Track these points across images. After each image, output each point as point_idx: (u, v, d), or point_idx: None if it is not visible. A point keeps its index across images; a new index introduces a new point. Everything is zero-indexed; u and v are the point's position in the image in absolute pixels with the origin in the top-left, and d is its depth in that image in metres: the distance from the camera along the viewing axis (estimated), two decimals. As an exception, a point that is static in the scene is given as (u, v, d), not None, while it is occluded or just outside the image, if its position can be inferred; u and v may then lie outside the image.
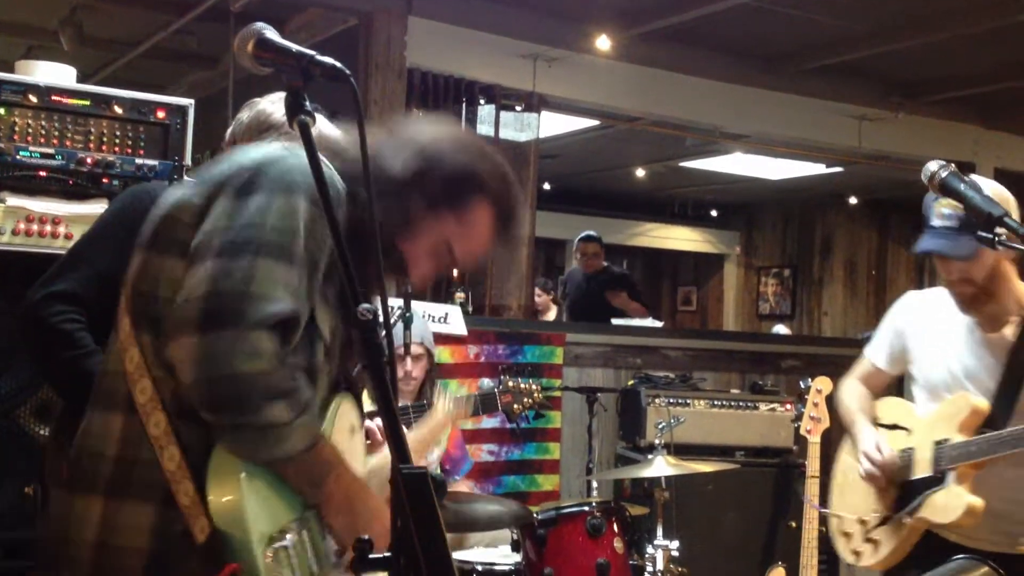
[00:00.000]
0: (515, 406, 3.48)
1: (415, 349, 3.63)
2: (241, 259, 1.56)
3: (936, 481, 2.75)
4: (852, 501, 3.03)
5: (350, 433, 1.88)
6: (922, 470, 2.80)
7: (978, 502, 2.66)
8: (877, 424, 3.02)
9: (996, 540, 2.76)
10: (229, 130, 2.52)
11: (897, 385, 3.21)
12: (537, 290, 9.97)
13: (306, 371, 1.69)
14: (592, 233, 8.03)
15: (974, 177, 2.49)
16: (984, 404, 2.72)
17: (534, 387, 3.52)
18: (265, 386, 1.54)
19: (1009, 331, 2.76)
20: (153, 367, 1.63)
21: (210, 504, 1.57)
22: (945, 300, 2.86)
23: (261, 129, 2.45)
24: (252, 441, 1.58)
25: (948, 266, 2.73)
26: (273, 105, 2.46)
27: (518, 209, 1.91)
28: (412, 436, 2.37)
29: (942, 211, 2.67)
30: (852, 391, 3.12)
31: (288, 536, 1.63)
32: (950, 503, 2.70)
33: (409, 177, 1.77)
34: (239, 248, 1.57)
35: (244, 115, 2.49)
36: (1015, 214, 2.53)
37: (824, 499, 3.16)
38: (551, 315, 8.99)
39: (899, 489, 2.86)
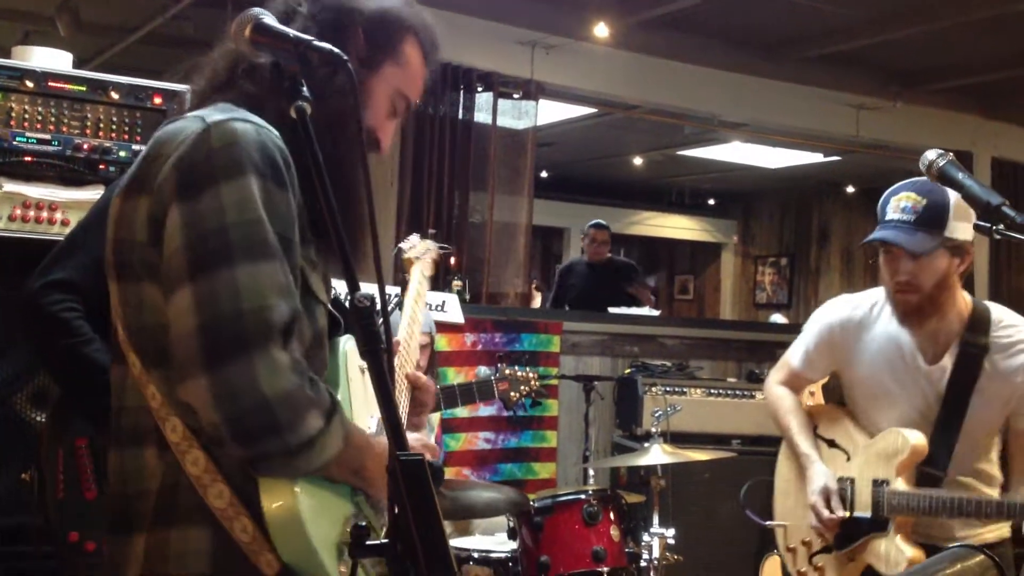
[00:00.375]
0: (512, 394, 3.48)
1: (421, 339, 3.63)
2: (218, 275, 1.43)
3: (878, 526, 2.66)
4: (797, 513, 2.89)
5: (361, 373, 1.83)
6: (862, 508, 2.70)
7: (918, 554, 2.57)
8: (817, 435, 2.89)
9: (949, 536, 2.68)
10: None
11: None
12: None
13: (315, 338, 1.62)
14: (602, 221, 7.97)
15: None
16: (923, 444, 2.62)
17: (531, 375, 3.52)
18: (294, 402, 1.44)
19: (948, 361, 2.65)
20: (175, 404, 1.51)
21: (269, 529, 1.48)
22: (882, 314, 2.74)
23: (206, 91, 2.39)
24: (295, 461, 1.47)
25: (897, 265, 2.60)
26: (212, 68, 2.31)
27: (433, 28, 1.87)
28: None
29: (900, 204, 2.58)
30: (785, 399, 2.96)
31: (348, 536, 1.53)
32: (891, 555, 2.62)
33: (340, 48, 1.54)
34: (210, 262, 1.44)
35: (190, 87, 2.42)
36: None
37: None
38: (535, 303, 8.99)
39: (843, 522, 2.73)
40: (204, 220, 1.46)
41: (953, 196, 2.47)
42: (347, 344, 1.81)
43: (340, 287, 1.71)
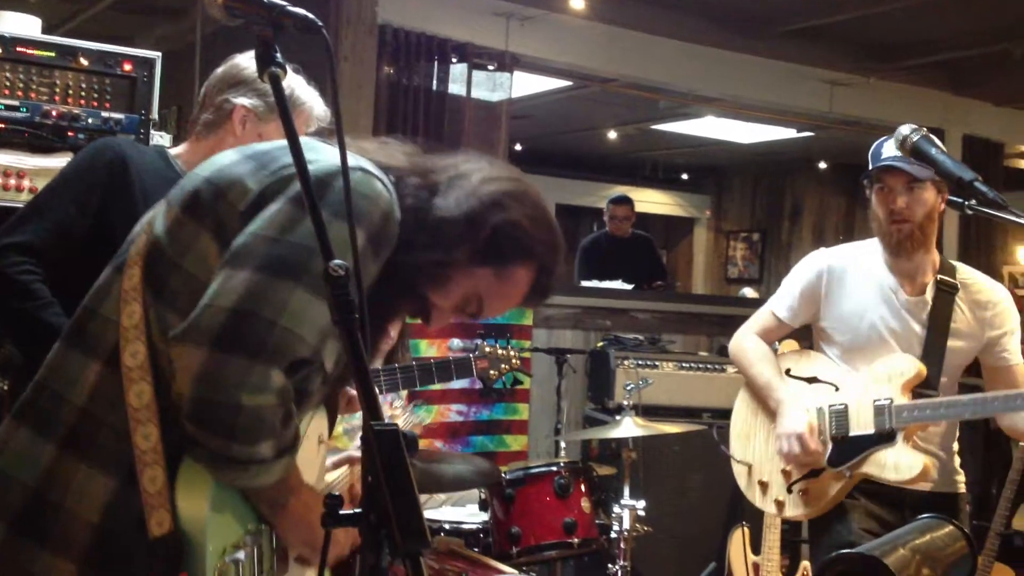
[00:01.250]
0: (491, 372, 3.47)
1: None
2: (281, 283, 1.47)
3: (880, 439, 2.86)
4: (767, 450, 3.09)
5: (317, 443, 1.85)
6: (861, 428, 2.90)
7: (932, 462, 2.84)
8: (792, 376, 3.10)
9: (935, 482, 2.93)
10: (204, 85, 2.51)
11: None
12: None
13: (297, 392, 1.59)
14: (623, 195, 7.90)
15: None
16: (924, 369, 2.86)
17: (512, 353, 3.51)
18: (262, 422, 1.47)
19: (928, 294, 2.93)
20: (154, 333, 1.54)
21: (178, 505, 1.51)
22: (863, 260, 3.02)
23: (232, 83, 2.44)
24: (230, 470, 1.51)
25: (893, 197, 2.88)
26: (247, 60, 2.44)
27: (556, 275, 1.80)
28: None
29: (896, 146, 2.67)
30: (756, 348, 3.17)
31: (241, 551, 1.58)
32: (903, 463, 2.82)
33: (462, 223, 1.64)
34: (283, 270, 1.48)
35: (219, 69, 2.49)
36: None
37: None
38: None
39: (833, 444, 2.94)
40: (303, 233, 1.49)
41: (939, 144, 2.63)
42: (315, 416, 1.81)
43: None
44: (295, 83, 2.45)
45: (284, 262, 1.48)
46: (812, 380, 3.06)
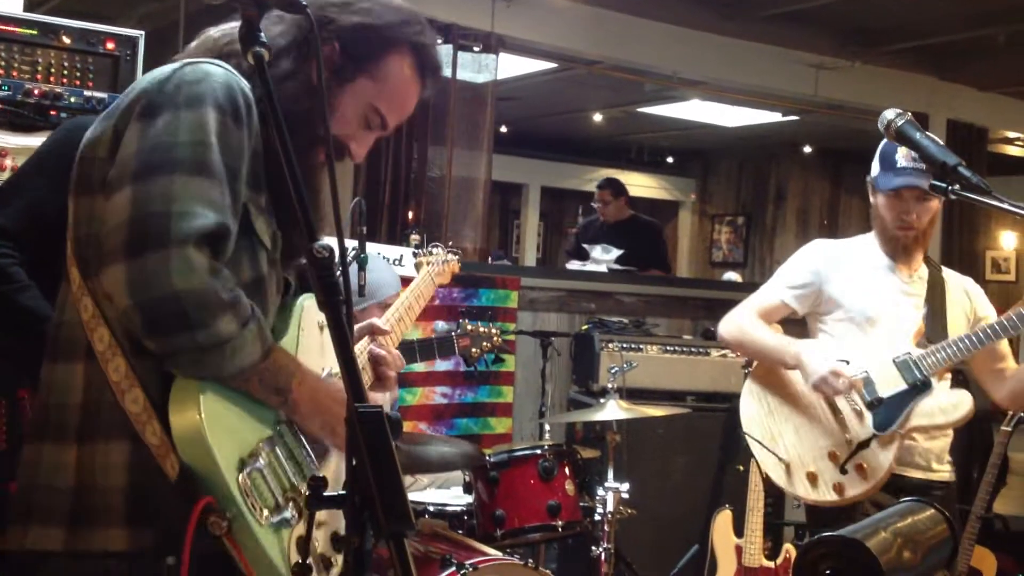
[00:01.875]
0: (473, 350, 3.46)
1: (389, 298, 3.61)
2: (157, 180, 1.53)
3: (916, 391, 2.93)
4: (802, 442, 3.08)
5: (319, 330, 1.87)
6: (892, 387, 2.96)
7: (969, 398, 2.94)
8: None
9: (917, 466, 3.07)
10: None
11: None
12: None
13: (254, 281, 1.68)
14: (611, 178, 7.80)
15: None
16: (923, 324, 3.01)
17: (493, 331, 3.51)
18: (205, 301, 1.51)
19: (923, 274, 3.11)
20: (108, 312, 1.60)
21: (173, 436, 1.54)
22: (861, 248, 3.16)
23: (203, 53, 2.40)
24: (204, 360, 1.54)
25: (906, 207, 2.97)
26: (220, 32, 2.39)
27: (433, 47, 1.85)
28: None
29: (911, 153, 2.81)
30: (761, 325, 3.18)
31: (260, 458, 1.60)
32: (950, 403, 2.94)
33: (304, 52, 1.72)
34: (153, 169, 1.54)
35: (192, 43, 2.44)
36: None
37: (746, 454, 3.29)
38: None
39: (861, 413, 2.98)
40: (158, 135, 1.56)
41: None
42: (308, 300, 1.86)
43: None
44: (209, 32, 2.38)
45: (149, 164, 1.55)
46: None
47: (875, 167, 3.05)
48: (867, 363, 3.01)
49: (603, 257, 6.85)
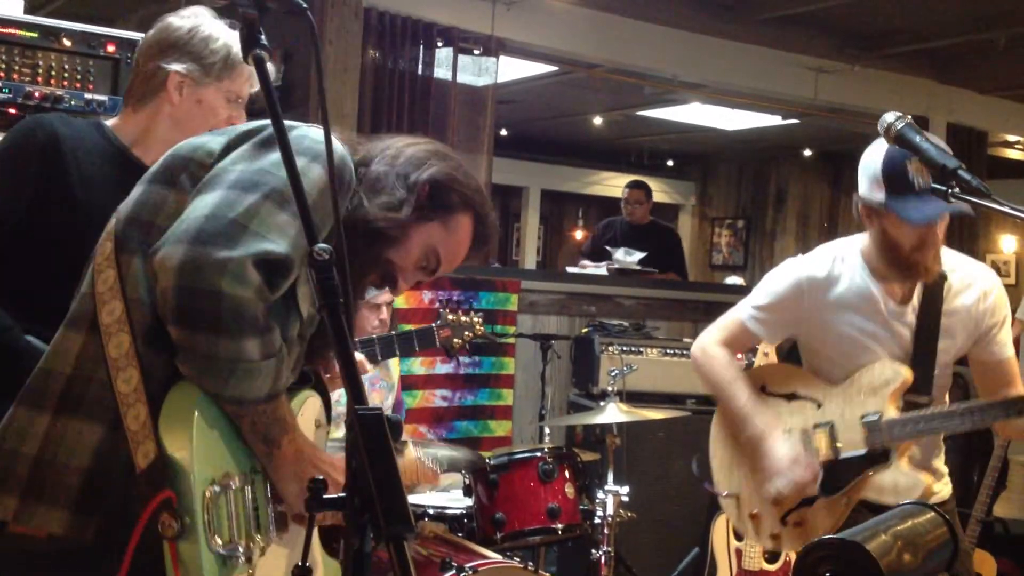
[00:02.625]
0: (455, 340, 3.44)
1: (384, 297, 3.61)
2: (249, 196, 1.57)
3: (874, 459, 2.64)
4: (747, 477, 2.84)
5: (315, 427, 1.87)
6: (852, 447, 2.67)
7: (930, 479, 2.64)
8: (768, 393, 2.85)
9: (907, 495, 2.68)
10: (136, 51, 2.36)
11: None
12: None
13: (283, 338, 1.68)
14: (639, 179, 7.80)
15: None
16: (910, 372, 2.65)
17: (475, 320, 3.49)
18: (244, 314, 1.52)
19: (916, 298, 2.71)
20: (129, 289, 1.62)
21: (160, 429, 1.54)
22: (841, 267, 2.75)
23: (163, 48, 2.28)
24: (217, 370, 1.54)
25: (940, 230, 2.64)
26: (180, 20, 2.29)
27: (491, 215, 1.99)
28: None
29: (926, 171, 2.48)
30: (724, 364, 2.88)
31: (232, 482, 1.59)
32: (902, 483, 2.61)
33: (402, 183, 1.83)
34: (250, 186, 1.59)
35: (150, 32, 2.33)
36: None
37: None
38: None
39: (823, 470, 2.70)
40: (263, 162, 1.63)
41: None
42: (311, 395, 1.87)
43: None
44: (230, 39, 2.28)
45: (249, 180, 1.60)
46: (791, 397, 2.82)
47: (880, 189, 2.62)
48: (834, 412, 2.73)
49: (626, 259, 6.84)
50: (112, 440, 1.58)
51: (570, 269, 7.01)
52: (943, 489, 2.81)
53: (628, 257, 6.83)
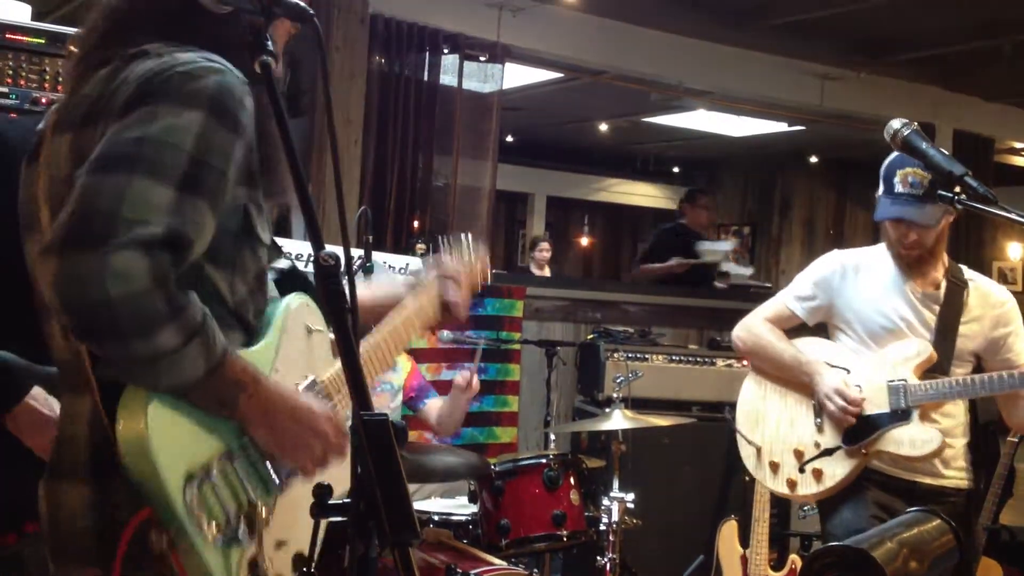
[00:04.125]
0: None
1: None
2: (112, 175, 1.43)
3: (895, 417, 2.96)
4: (774, 433, 3.20)
5: (307, 333, 1.79)
6: (876, 407, 3.00)
7: (942, 439, 2.93)
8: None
9: (934, 473, 3.04)
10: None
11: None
12: (544, 244, 9.80)
13: (257, 276, 1.65)
14: (700, 187, 7.82)
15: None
16: (935, 352, 2.99)
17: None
18: (144, 311, 1.40)
19: (941, 291, 3.05)
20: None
21: (118, 441, 1.46)
22: (876, 260, 3.13)
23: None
24: (141, 371, 1.45)
25: (907, 231, 2.95)
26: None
27: None
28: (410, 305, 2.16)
29: (908, 179, 2.87)
30: (771, 330, 3.25)
31: (213, 472, 1.52)
32: (919, 438, 2.94)
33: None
34: (111, 164, 1.44)
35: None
36: None
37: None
38: (546, 271, 8.81)
39: (845, 424, 3.04)
40: (128, 128, 1.46)
41: None
42: (295, 301, 1.78)
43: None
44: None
45: (109, 158, 1.45)
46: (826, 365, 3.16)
47: (880, 186, 3.03)
48: (864, 379, 3.06)
49: (719, 247, 6.85)
50: (96, 411, 1.51)
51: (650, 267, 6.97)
52: (955, 477, 3.08)
53: (719, 246, 6.81)
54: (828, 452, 3.07)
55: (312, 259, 1.32)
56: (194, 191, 1.47)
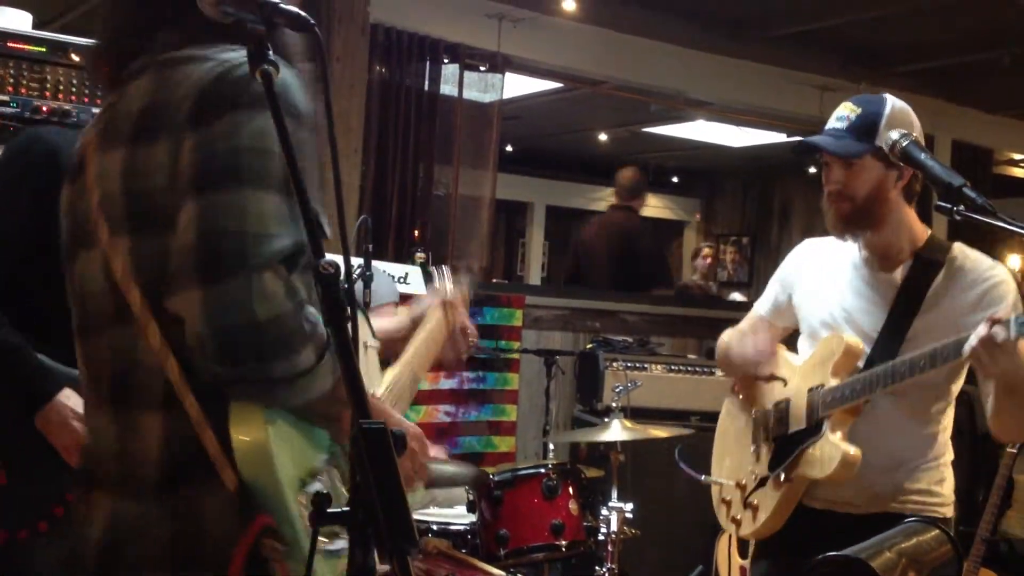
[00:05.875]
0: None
1: (388, 310, 3.60)
2: (224, 192, 1.44)
3: (812, 432, 2.48)
4: (730, 465, 2.84)
5: (363, 349, 1.83)
6: (797, 423, 2.54)
7: (853, 451, 2.38)
8: (755, 377, 2.77)
9: (861, 500, 2.50)
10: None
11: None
12: (706, 250, 9.66)
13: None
14: None
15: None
16: (857, 343, 2.48)
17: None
18: (288, 331, 1.42)
19: (899, 273, 2.53)
20: (141, 274, 1.51)
21: (235, 451, 1.46)
22: (838, 247, 2.66)
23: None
24: (273, 392, 1.46)
25: (830, 174, 2.53)
26: None
27: None
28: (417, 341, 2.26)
29: (837, 114, 2.53)
30: (731, 334, 2.91)
31: (319, 479, 1.54)
32: (824, 453, 2.42)
33: None
34: (217, 180, 1.44)
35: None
36: (919, 135, 2.44)
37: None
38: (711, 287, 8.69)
39: (775, 446, 2.62)
40: (216, 140, 1.46)
41: (890, 106, 2.49)
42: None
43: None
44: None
45: (212, 174, 1.45)
46: (771, 378, 2.74)
47: None
48: (794, 389, 2.62)
49: None
50: (173, 423, 1.50)
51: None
52: (915, 503, 2.46)
53: None
54: (763, 482, 2.63)
55: (312, 269, 1.32)
56: (291, 195, 1.46)
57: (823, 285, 2.67)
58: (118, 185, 1.55)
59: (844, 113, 2.52)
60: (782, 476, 2.55)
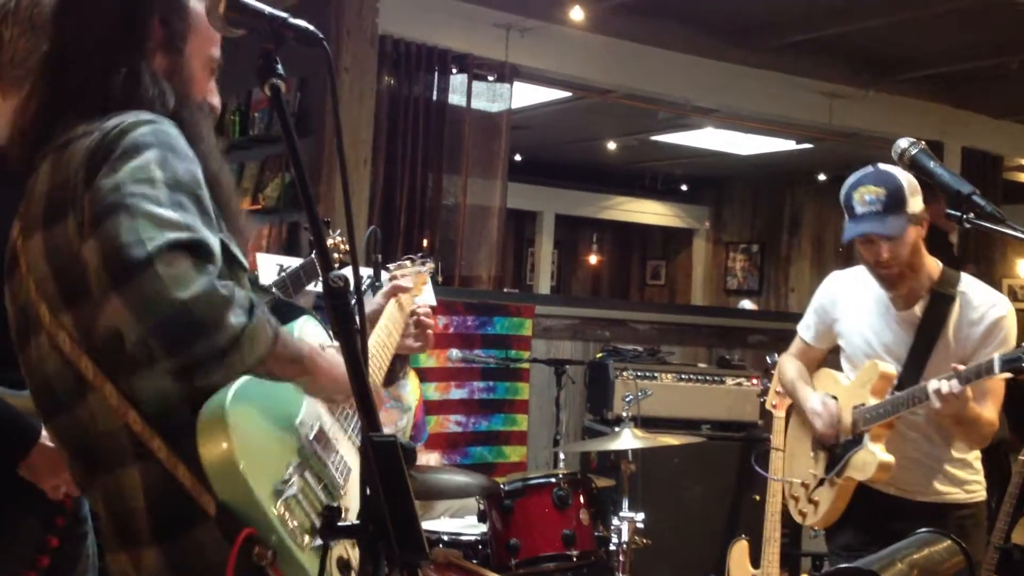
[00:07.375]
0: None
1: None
2: (116, 218, 1.50)
3: (856, 442, 3.06)
4: (797, 467, 3.36)
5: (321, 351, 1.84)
6: (845, 434, 3.12)
7: (887, 458, 2.98)
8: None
9: (921, 490, 3.07)
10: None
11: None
12: None
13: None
14: None
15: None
16: (891, 370, 3.02)
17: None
18: (211, 303, 1.49)
19: (918, 308, 3.02)
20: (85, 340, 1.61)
21: (206, 471, 1.51)
22: (865, 278, 3.11)
23: (39, 24, 2.00)
24: (229, 359, 1.52)
25: (878, 249, 2.92)
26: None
27: None
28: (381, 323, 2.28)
29: (866, 197, 2.92)
30: (790, 365, 3.40)
31: (293, 483, 1.58)
32: (865, 461, 3.02)
33: (141, 46, 1.71)
34: (108, 211, 1.51)
35: (12, 3, 2.05)
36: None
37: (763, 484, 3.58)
38: None
39: (830, 453, 3.17)
40: (101, 187, 1.53)
41: (903, 177, 2.90)
42: (307, 324, 1.84)
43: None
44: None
45: (103, 209, 1.52)
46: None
47: (845, 214, 3.02)
48: (843, 406, 3.15)
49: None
50: (149, 471, 1.59)
51: None
52: (955, 493, 3.08)
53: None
54: (821, 482, 3.21)
55: (322, 282, 1.33)
56: (185, 209, 1.55)
57: (860, 319, 3.15)
58: (45, 267, 1.65)
59: (871, 197, 2.92)
60: (835, 479, 3.12)
